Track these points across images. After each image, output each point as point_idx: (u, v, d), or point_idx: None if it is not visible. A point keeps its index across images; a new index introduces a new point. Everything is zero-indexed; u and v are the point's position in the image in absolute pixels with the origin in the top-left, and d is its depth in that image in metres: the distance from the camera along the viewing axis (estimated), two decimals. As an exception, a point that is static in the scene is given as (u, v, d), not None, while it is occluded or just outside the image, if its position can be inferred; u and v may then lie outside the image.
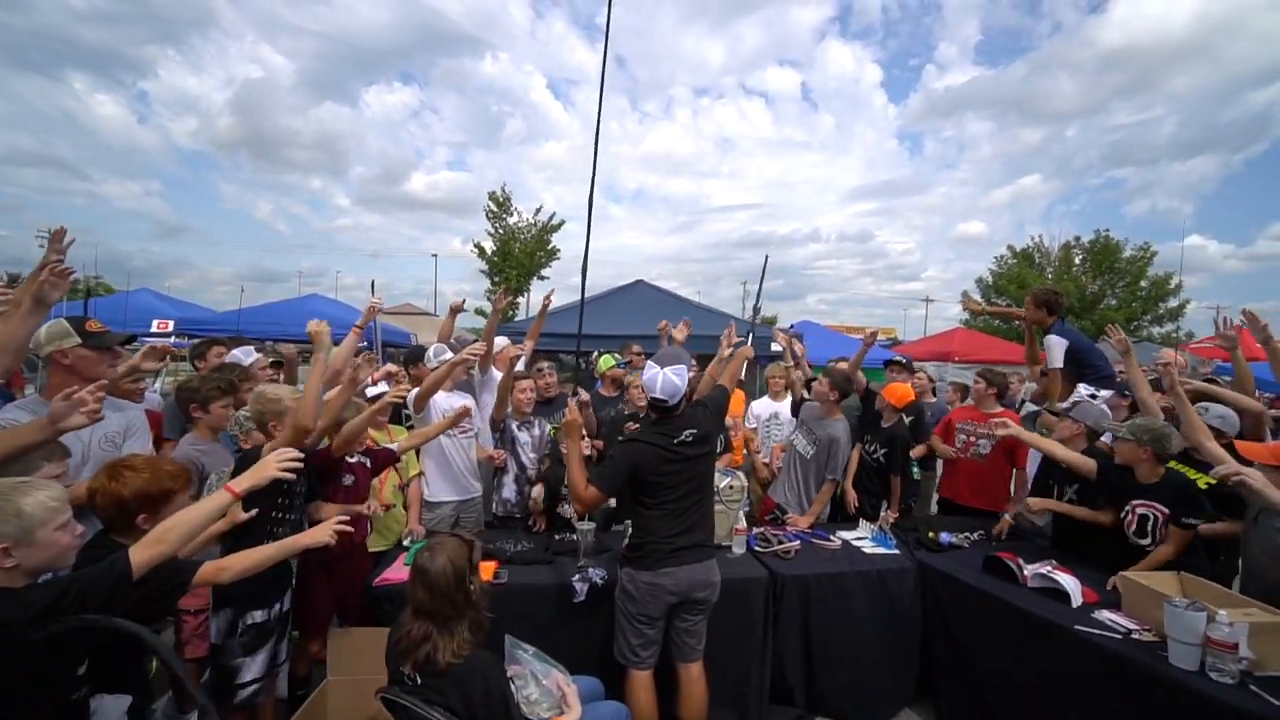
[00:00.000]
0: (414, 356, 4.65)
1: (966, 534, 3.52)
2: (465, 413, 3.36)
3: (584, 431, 3.55)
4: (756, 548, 3.28)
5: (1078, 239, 25.13)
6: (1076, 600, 2.59)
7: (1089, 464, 3.05)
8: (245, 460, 2.39)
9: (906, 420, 4.21)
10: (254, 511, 2.24)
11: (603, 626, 2.80)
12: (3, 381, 2.53)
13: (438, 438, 3.51)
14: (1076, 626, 2.38)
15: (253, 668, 2.35)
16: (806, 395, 4.50)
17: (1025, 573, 2.80)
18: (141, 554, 1.55)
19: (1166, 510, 2.73)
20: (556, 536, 3.33)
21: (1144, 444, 2.78)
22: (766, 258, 4.57)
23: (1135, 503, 2.85)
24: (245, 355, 3.89)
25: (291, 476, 1.86)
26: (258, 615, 2.36)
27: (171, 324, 9.50)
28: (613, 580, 2.87)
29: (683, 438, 2.57)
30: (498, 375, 4.07)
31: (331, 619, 2.90)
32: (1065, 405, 3.39)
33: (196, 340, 4.52)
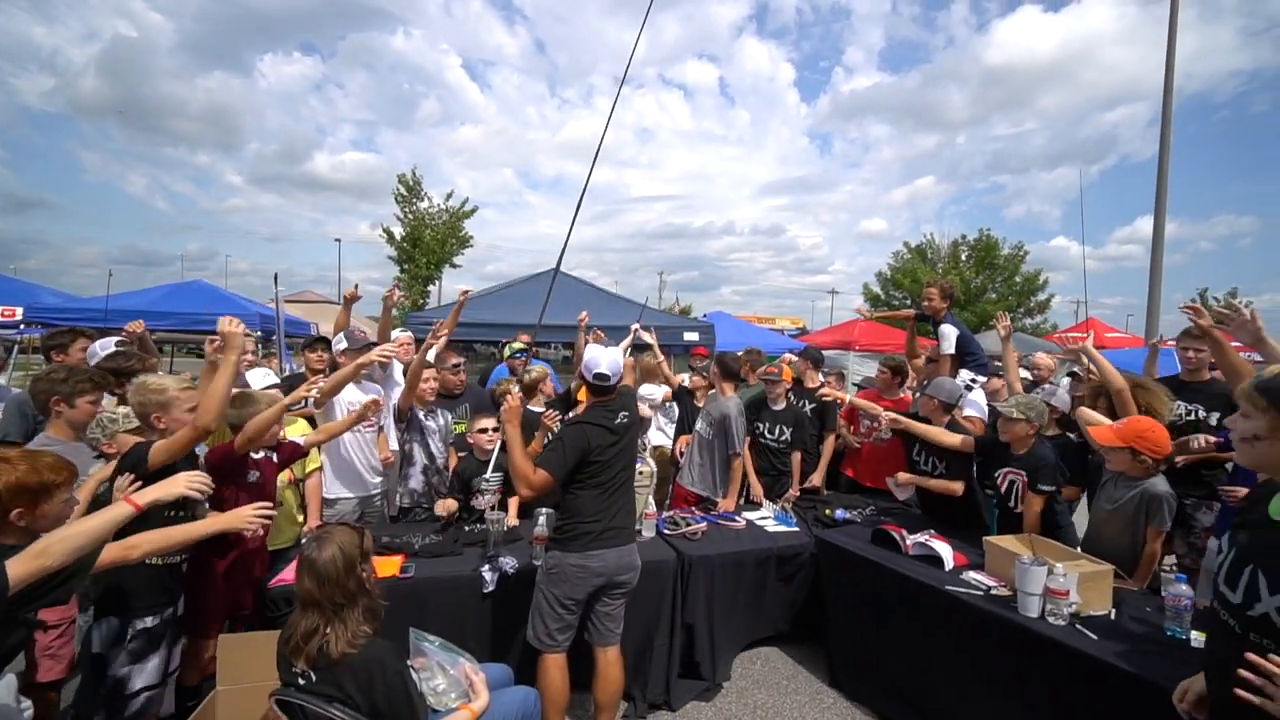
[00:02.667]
0: (313, 346, 4.42)
1: (860, 509, 3.80)
2: (375, 406, 3.24)
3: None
4: (665, 531, 3.40)
5: (964, 237, 27.40)
6: (949, 564, 2.88)
7: (968, 441, 3.39)
8: (129, 460, 2.20)
9: (809, 408, 4.47)
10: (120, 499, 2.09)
11: (513, 615, 2.81)
12: None
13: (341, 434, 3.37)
14: (947, 586, 2.66)
15: (143, 675, 2.21)
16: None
17: (908, 542, 3.08)
18: (21, 567, 1.41)
19: (1025, 478, 3.09)
20: (465, 528, 3.29)
21: (1031, 419, 3.09)
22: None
23: (1005, 470, 3.20)
24: (103, 349, 3.52)
25: (200, 496, 1.72)
26: (148, 620, 2.21)
27: (19, 311, 8.35)
28: (524, 568, 2.89)
29: (620, 419, 2.64)
30: (398, 371, 3.97)
31: (224, 623, 2.73)
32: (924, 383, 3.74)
33: (54, 330, 4.03)
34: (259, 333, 8.03)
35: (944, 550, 2.93)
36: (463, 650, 2.17)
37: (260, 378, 3.56)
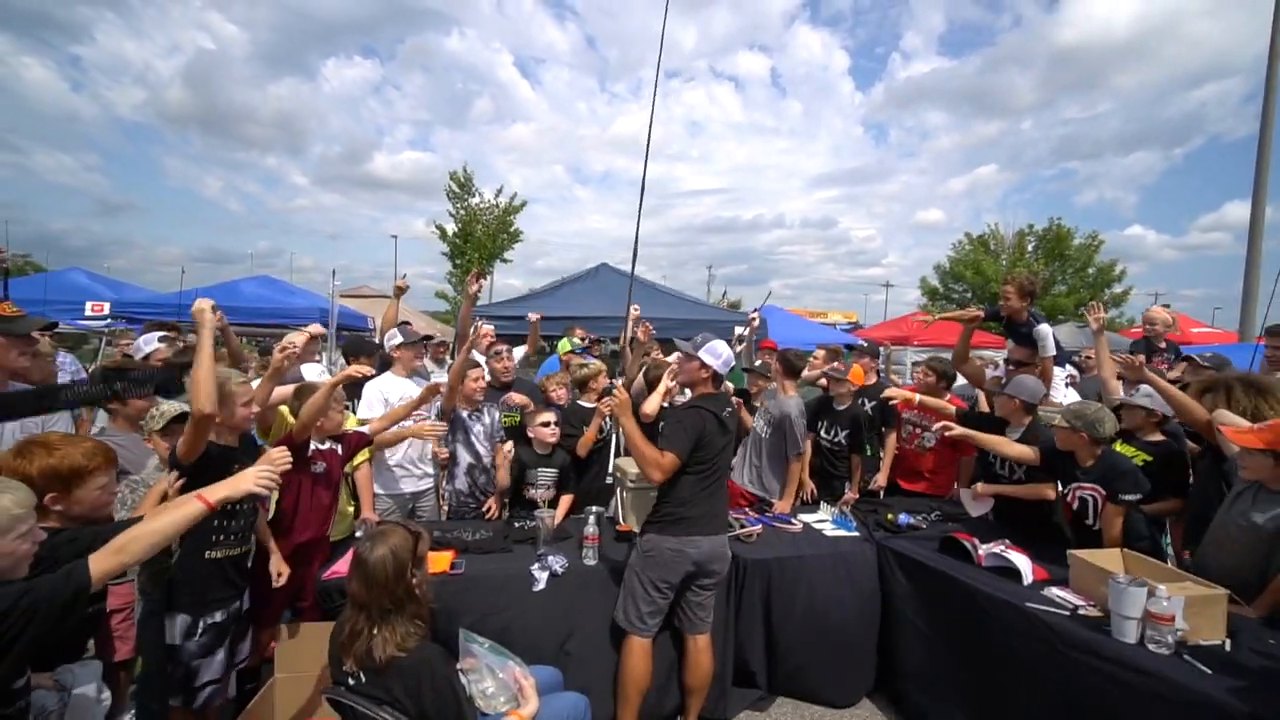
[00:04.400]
0: (352, 349, 4.48)
1: (924, 515, 3.59)
2: (435, 390, 3.31)
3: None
4: (719, 532, 3.28)
5: (1031, 227, 25.93)
6: (1028, 578, 2.65)
7: (1032, 454, 3.12)
8: (173, 459, 2.24)
9: (869, 406, 4.26)
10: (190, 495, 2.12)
11: (562, 614, 2.77)
12: None
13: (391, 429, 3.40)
14: (1027, 603, 2.44)
15: (210, 669, 2.27)
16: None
17: (980, 552, 2.86)
18: (103, 563, 1.42)
19: (1104, 491, 2.81)
20: (515, 524, 3.26)
21: (1078, 429, 2.84)
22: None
23: (1075, 486, 2.93)
24: (146, 344, 3.63)
25: (265, 492, 1.71)
26: (217, 615, 2.27)
27: (107, 306, 8.92)
28: (574, 568, 2.83)
29: (726, 413, 2.73)
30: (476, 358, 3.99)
31: (284, 612, 2.79)
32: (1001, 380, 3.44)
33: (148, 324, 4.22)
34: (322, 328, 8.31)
35: (1022, 563, 2.71)
36: (512, 653, 2.12)
37: (316, 373, 3.63)
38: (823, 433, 4.14)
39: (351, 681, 1.70)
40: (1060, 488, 3.09)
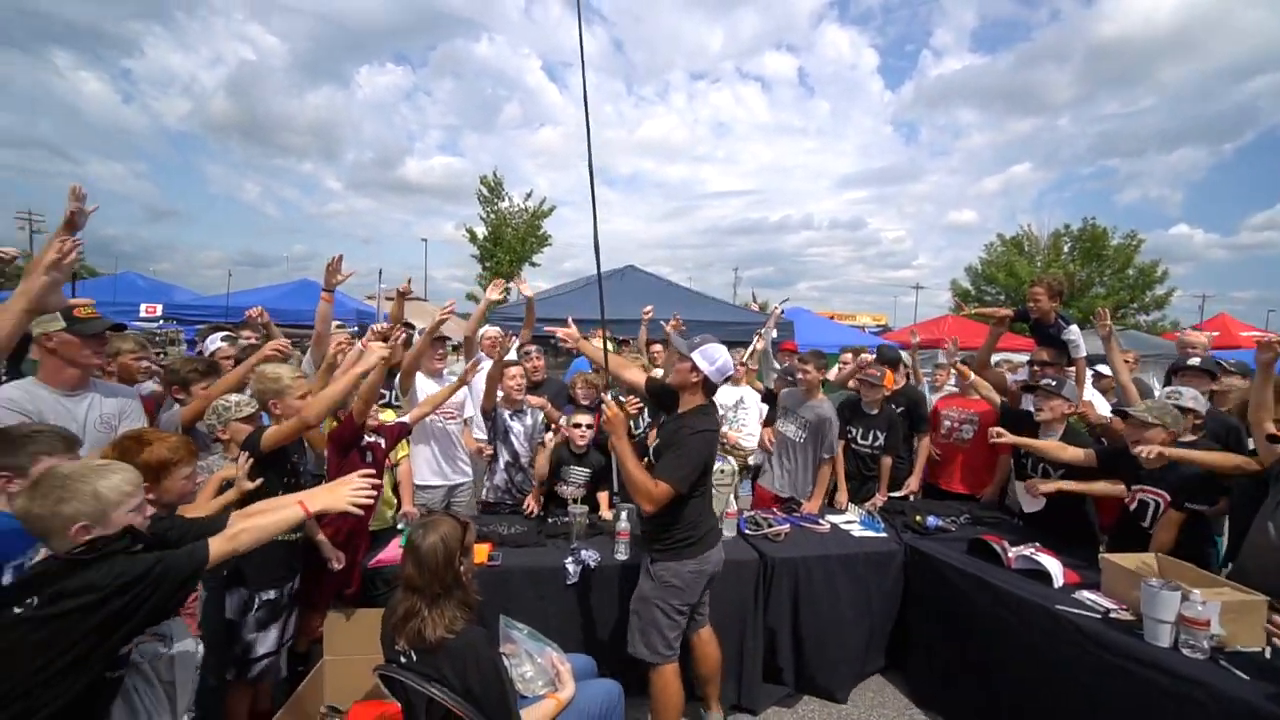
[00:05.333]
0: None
1: (953, 517, 3.58)
2: (475, 369, 3.44)
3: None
4: (747, 531, 3.33)
5: (1067, 227, 25.30)
6: (1058, 581, 2.65)
7: (1089, 456, 3.05)
8: (248, 444, 2.42)
9: (898, 409, 4.26)
10: (259, 481, 2.32)
11: (595, 607, 2.86)
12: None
13: (428, 425, 3.57)
14: (1057, 606, 2.44)
15: (265, 642, 2.42)
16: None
17: (1010, 555, 2.87)
18: (219, 547, 1.59)
19: (1168, 496, 2.73)
20: (549, 520, 3.37)
21: (1169, 428, 2.75)
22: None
23: (1137, 488, 2.87)
24: (210, 344, 3.83)
25: (359, 513, 1.84)
26: (270, 593, 2.42)
27: (160, 308, 9.37)
28: (606, 562, 2.92)
29: (716, 420, 2.62)
30: (484, 360, 4.10)
31: (333, 598, 2.93)
32: (1053, 383, 3.38)
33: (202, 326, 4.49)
34: (354, 328, 8.59)
35: (1052, 565, 2.71)
36: (549, 640, 2.22)
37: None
38: (859, 437, 4.12)
39: (403, 660, 1.80)
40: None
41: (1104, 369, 4.09)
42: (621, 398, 3.08)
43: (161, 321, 9.07)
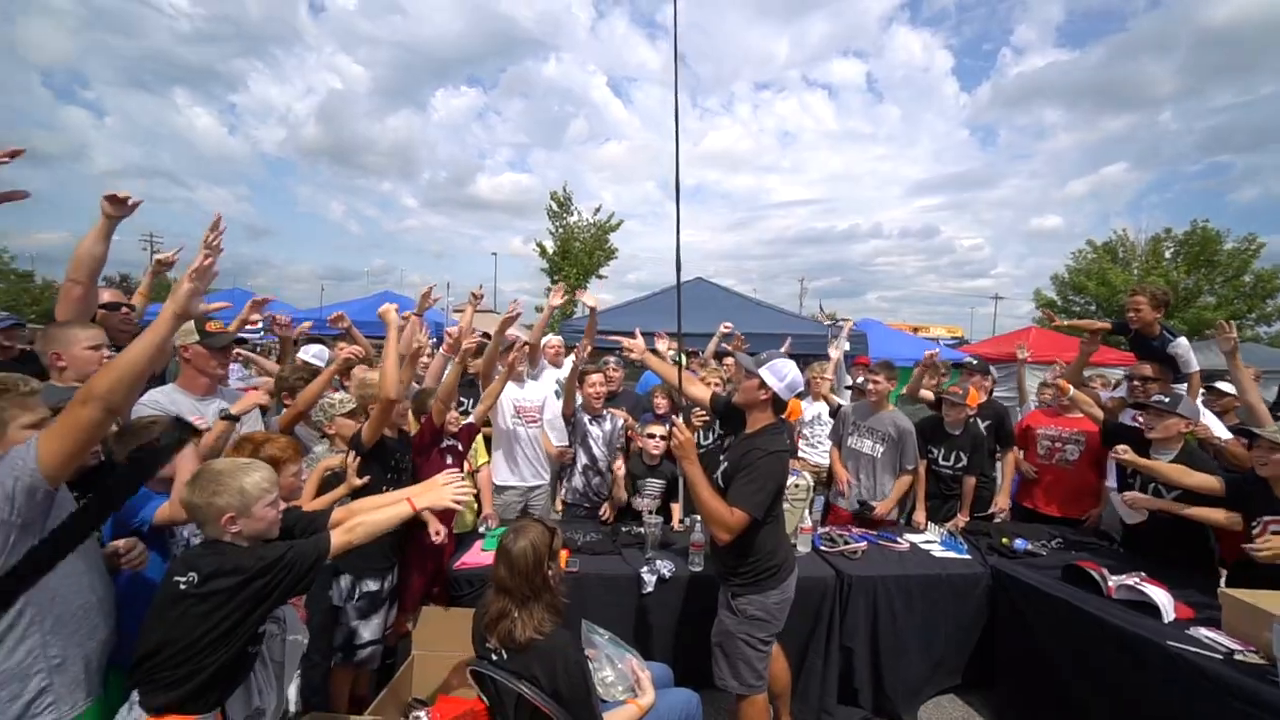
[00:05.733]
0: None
1: (1044, 541, 3.40)
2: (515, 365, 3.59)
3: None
4: (822, 547, 3.28)
5: (1168, 231, 23.33)
6: (1168, 615, 2.47)
7: (1217, 484, 2.80)
8: (352, 443, 2.65)
9: (983, 423, 4.09)
10: (367, 479, 2.52)
11: (669, 617, 2.90)
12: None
13: (509, 428, 3.73)
14: (1169, 643, 2.27)
15: (368, 630, 2.62)
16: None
17: (1110, 584, 2.69)
18: (338, 539, 1.77)
19: None
20: (623, 529, 3.43)
21: None
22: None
23: (1268, 520, 2.60)
24: (305, 353, 4.17)
25: (460, 508, 1.99)
26: (371, 584, 2.60)
27: (261, 320, 10.15)
28: (680, 573, 2.94)
29: (789, 442, 2.52)
30: (546, 368, 4.24)
31: (422, 597, 3.10)
32: (1166, 400, 3.13)
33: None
34: (433, 338, 9.03)
35: (1161, 598, 2.52)
36: (630, 646, 2.26)
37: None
38: (940, 458, 3.96)
39: (494, 657, 1.89)
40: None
41: (1224, 385, 3.77)
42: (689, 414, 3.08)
43: (262, 333, 9.83)
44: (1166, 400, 3.08)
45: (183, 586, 1.56)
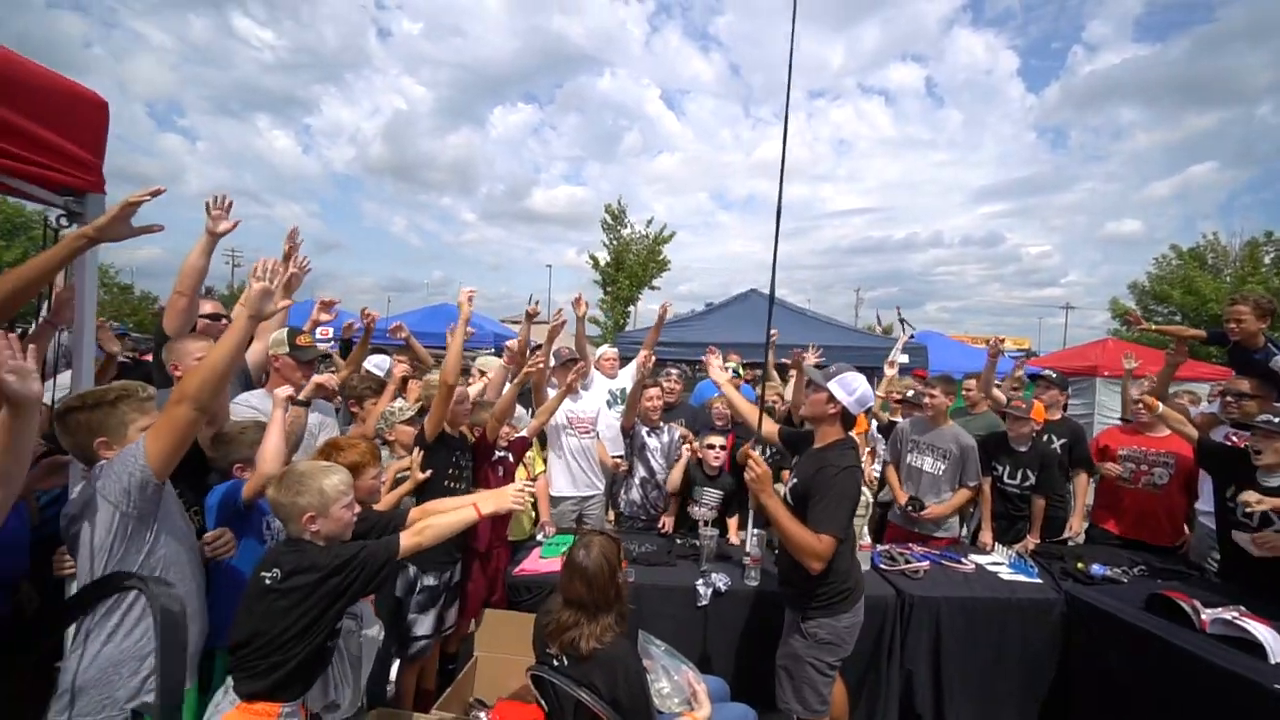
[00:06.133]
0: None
1: (1124, 567, 3.20)
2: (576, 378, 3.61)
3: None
4: (882, 565, 3.20)
5: (1269, 235, 21.57)
6: (1275, 656, 2.28)
7: None
8: (416, 441, 2.84)
9: (1057, 443, 3.89)
10: (429, 472, 2.69)
11: (724, 630, 2.89)
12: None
13: (563, 439, 3.84)
14: (1277, 686, 2.10)
15: (424, 625, 2.73)
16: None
17: (1203, 616, 2.51)
18: (408, 540, 1.88)
19: None
20: (679, 540, 3.45)
21: None
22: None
23: None
24: (378, 367, 4.39)
25: (521, 509, 2.09)
26: (430, 579, 2.72)
27: (331, 330, 10.73)
28: (736, 587, 2.93)
29: (859, 457, 2.47)
30: (596, 379, 4.31)
31: (483, 603, 3.21)
32: (1275, 420, 2.88)
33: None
34: (493, 349, 9.31)
35: (1266, 635, 2.33)
36: (685, 658, 2.27)
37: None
38: (1005, 476, 3.78)
39: (555, 663, 1.95)
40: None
41: None
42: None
43: (332, 342, 10.37)
44: (1276, 420, 2.86)
45: (268, 581, 1.69)
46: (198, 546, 1.91)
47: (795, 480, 2.50)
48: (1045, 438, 3.92)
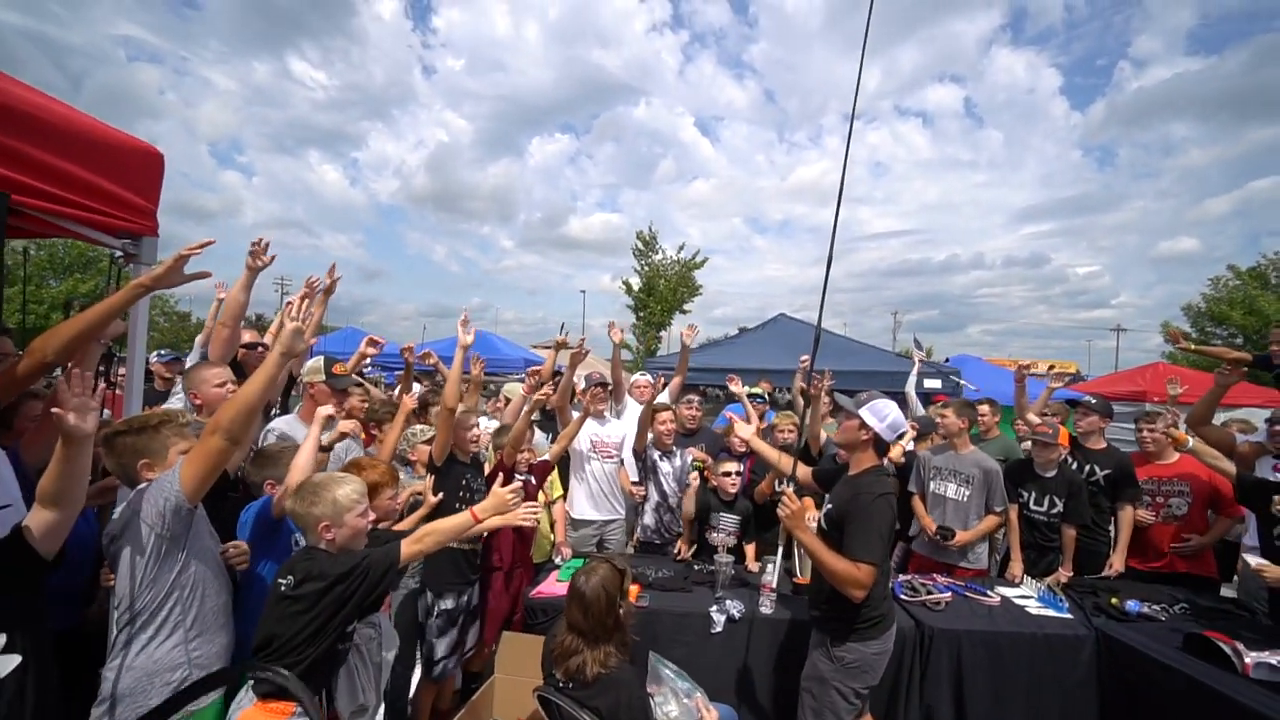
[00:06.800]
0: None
1: (1164, 604, 3.06)
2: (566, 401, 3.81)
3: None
4: (903, 595, 3.13)
5: (1335, 252, 20.41)
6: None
7: None
8: (429, 466, 2.97)
9: (1100, 474, 3.74)
10: (440, 496, 2.81)
11: (737, 658, 2.88)
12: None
13: (585, 463, 3.88)
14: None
15: (443, 647, 2.82)
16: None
17: (1246, 660, 2.39)
18: (408, 549, 1.97)
19: None
20: (695, 566, 3.45)
21: None
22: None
23: None
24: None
25: (529, 523, 2.16)
26: (448, 603, 2.81)
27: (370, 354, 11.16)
28: (750, 615, 2.92)
29: (893, 484, 2.47)
30: (630, 405, 4.35)
31: (502, 624, 3.27)
32: None
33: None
34: (521, 375, 9.51)
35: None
36: (696, 684, 2.28)
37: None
38: (1031, 503, 3.67)
39: (560, 686, 1.99)
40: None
41: None
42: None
43: (370, 368, 10.76)
44: None
45: (283, 588, 1.79)
46: (223, 562, 2.04)
47: (830, 506, 2.51)
48: (1087, 468, 3.78)
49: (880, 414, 2.38)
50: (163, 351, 4.75)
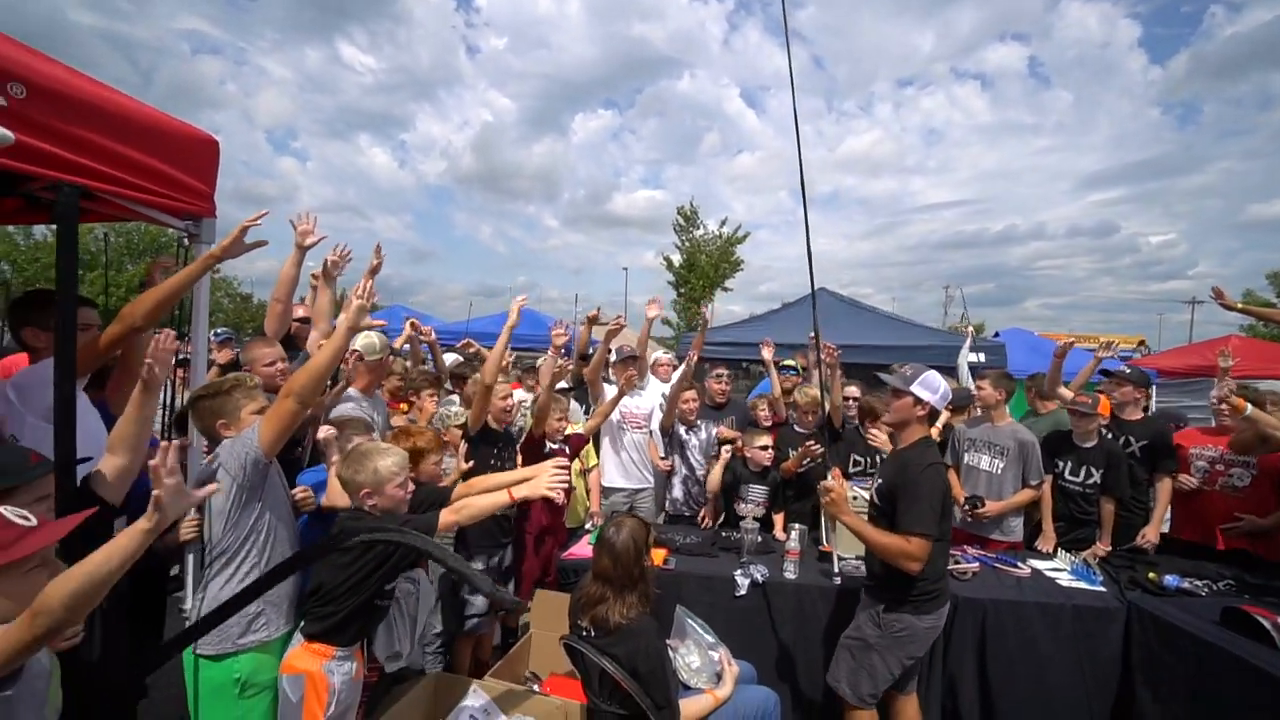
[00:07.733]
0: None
1: (1207, 580, 2.97)
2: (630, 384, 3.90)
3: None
4: (929, 566, 3.14)
5: None
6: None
7: None
8: (466, 435, 3.16)
9: (1136, 445, 3.64)
10: (471, 463, 2.98)
11: (760, 620, 2.97)
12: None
13: (616, 432, 4.03)
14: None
15: (474, 606, 2.98)
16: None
17: (1283, 635, 2.33)
18: (446, 517, 2.13)
19: None
20: (722, 534, 3.54)
21: None
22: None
23: None
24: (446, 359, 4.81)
25: (552, 495, 2.26)
26: (478, 564, 2.99)
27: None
28: (773, 579, 3.00)
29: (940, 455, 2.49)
30: (652, 382, 4.46)
31: (536, 583, 3.44)
32: None
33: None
34: (566, 355, 9.69)
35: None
36: (721, 640, 2.39)
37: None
38: (1068, 474, 3.60)
39: (584, 634, 2.12)
40: None
41: None
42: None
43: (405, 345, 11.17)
44: None
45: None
46: (293, 515, 2.24)
47: (880, 481, 2.55)
48: (1122, 439, 3.68)
49: (933, 386, 2.41)
50: (219, 331, 5.10)
